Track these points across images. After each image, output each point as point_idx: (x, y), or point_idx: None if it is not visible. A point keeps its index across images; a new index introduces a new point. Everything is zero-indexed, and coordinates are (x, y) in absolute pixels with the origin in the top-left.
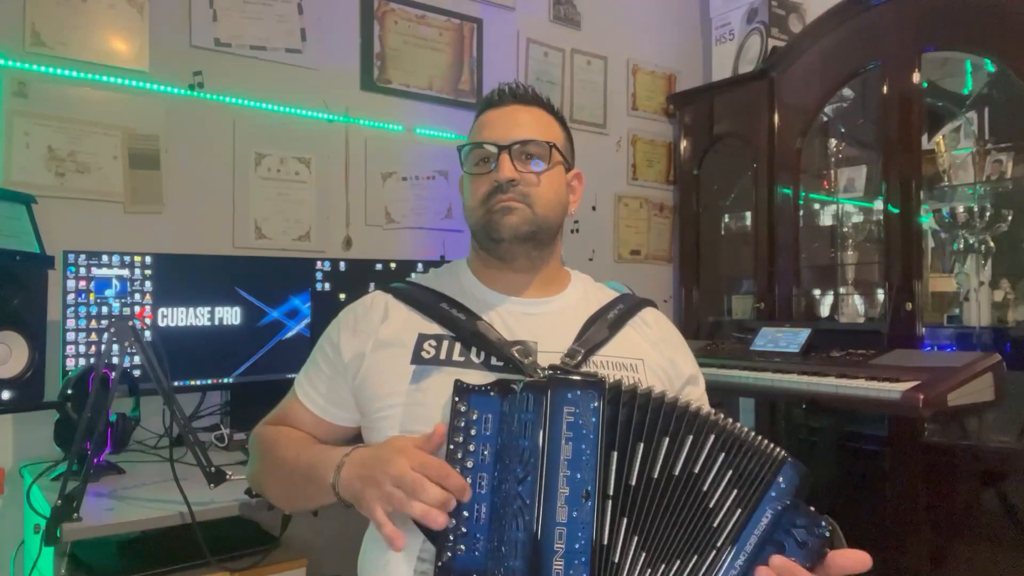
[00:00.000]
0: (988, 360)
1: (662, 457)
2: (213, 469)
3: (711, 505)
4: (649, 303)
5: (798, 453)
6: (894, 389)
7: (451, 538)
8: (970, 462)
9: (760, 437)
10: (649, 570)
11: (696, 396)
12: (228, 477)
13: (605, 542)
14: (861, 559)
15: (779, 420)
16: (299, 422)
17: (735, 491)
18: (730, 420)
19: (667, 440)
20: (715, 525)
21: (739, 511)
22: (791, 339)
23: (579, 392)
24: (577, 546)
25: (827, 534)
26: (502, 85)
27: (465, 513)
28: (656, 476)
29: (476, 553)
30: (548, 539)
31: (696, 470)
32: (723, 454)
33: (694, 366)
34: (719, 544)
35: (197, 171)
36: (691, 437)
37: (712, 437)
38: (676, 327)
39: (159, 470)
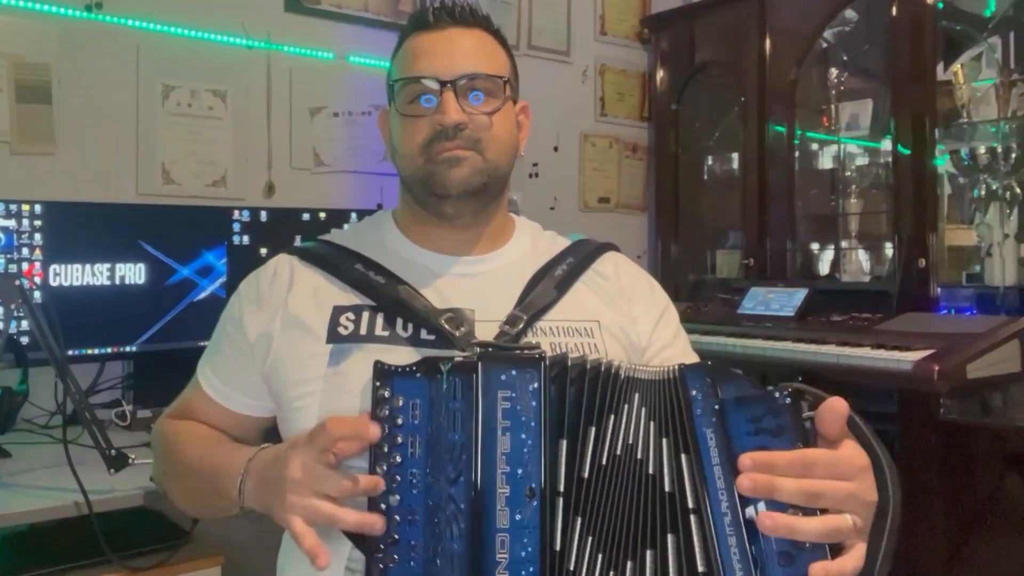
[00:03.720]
0: (1013, 325)
1: (609, 438)
2: (113, 452)
3: (651, 472)
4: (608, 248)
5: None
6: (905, 359)
7: (382, 546)
8: (992, 443)
9: (663, 367)
10: (613, 572)
11: (664, 342)
12: (131, 461)
13: (558, 547)
14: (839, 404)
15: None
16: (204, 414)
17: (665, 440)
18: (640, 366)
19: (613, 417)
20: (668, 490)
21: (684, 456)
22: (785, 301)
23: (515, 372)
24: (524, 554)
25: (788, 400)
26: (434, 1)
27: (397, 517)
28: (605, 462)
29: (411, 563)
30: (488, 549)
31: (631, 440)
32: (644, 408)
33: (661, 309)
34: (691, 506)
35: (95, 106)
36: (626, 405)
37: (637, 396)
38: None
39: (51, 453)
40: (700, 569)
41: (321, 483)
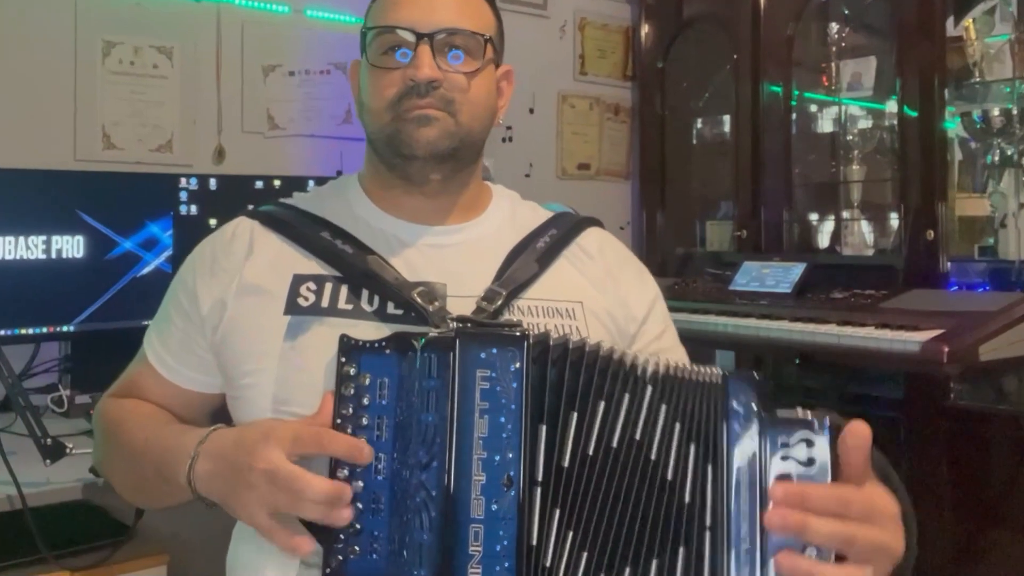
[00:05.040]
0: None
1: (597, 427)
2: (49, 441)
3: (670, 477)
4: (591, 223)
5: None
6: (911, 339)
7: (342, 536)
8: (1007, 431)
9: (693, 366)
10: (602, 575)
11: (654, 335)
12: (69, 451)
13: (534, 542)
14: (861, 430)
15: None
16: (150, 390)
17: (693, 447)
18: (668, 362)
19: (603, 404)
20: (687, 501)
21: (710, 467)
22: (781, 276)
23: (495, 350)
24: (499, 548)
25: (827, 433)
26: None
27: (359, 505)
28: (592, 452)
29: (374, 556)
30: (461, 540)
31: (638, 436)
32: (664, 406)
33: (651, 299)
34: (709, 523)
35: (29, 64)
36: (627, 396)
37: (650, 389)
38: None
39: None
40: None
41: (294, 483)
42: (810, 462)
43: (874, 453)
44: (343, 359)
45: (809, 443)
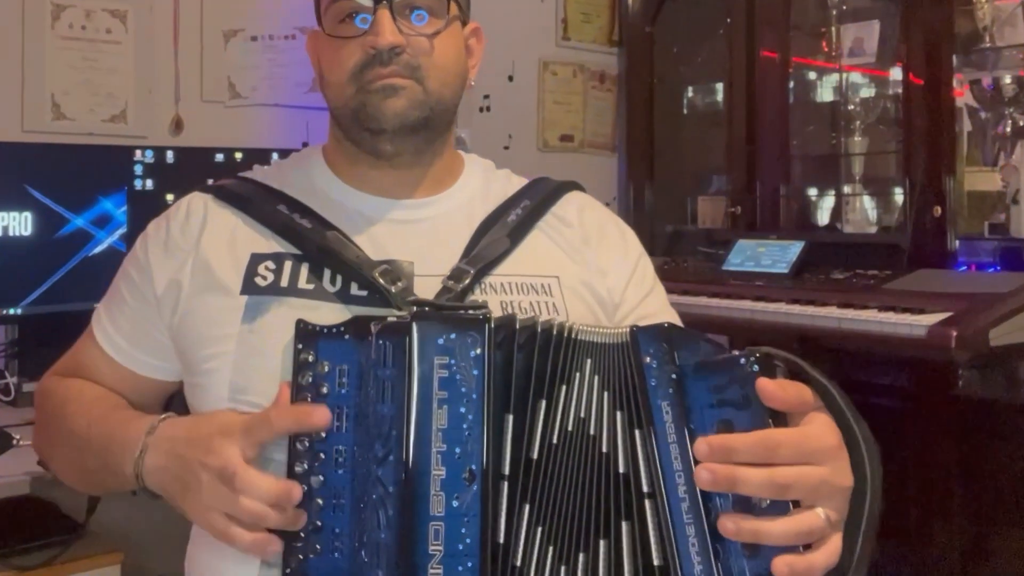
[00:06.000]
0: None
1: (560, 412)
2: None
3: (605, 450)
4: (570, 187)
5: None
6: (917, 323)
7: (302, 534)
8: (1018, 421)
9: (617, 329)
10: (564, 567)
11: (636, 300)
12: (16, 443)
13: (502, 539)
14: (767, 387)
15: None
16: (99, 373)
17: (619, 413)
18: (585, 326)
19: (564, 388)
20: (622, 471)
21: (638, 432)
22: (778, 256)
23: (454, 335)
24: (461, 546)
25: (756, 368)
26: None
27: (320, 500)
28: (556, 440)
29: (336, 554)
30: (419, 539)
31: (582, 414)
32: (597, 376)
33: (632, 262)
34: (646, 490)
35: None
36: (577, 374)
37: (589, 362)
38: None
39: None
40: (656, 562)
41: (253, 485)
42: (745, 402)
43: (812, 375)
44: (300, 345)
45: (741, 383)
